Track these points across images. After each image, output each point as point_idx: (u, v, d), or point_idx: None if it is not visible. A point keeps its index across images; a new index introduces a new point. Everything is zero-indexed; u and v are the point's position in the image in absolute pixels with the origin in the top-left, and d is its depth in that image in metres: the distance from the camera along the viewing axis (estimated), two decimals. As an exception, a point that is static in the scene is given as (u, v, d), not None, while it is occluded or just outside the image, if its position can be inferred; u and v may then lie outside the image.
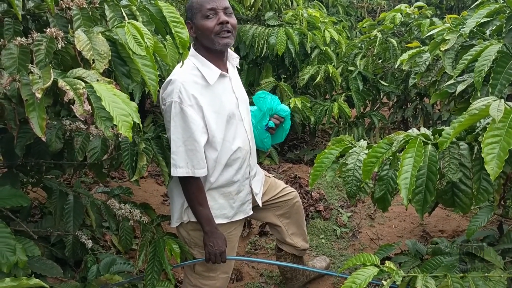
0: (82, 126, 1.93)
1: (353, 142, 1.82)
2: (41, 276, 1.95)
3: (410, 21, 4.37)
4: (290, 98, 3.98)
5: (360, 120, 4.56)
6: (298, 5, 4.80)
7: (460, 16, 2.10)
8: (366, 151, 1.71)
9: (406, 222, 3.27)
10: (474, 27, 1.76)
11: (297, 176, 3.87)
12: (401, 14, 4.29)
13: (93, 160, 1.89)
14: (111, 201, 2.12)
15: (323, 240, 3.13)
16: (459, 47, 1.82)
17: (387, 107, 5.05)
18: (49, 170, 2.24)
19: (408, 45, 2.16)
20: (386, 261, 1.42)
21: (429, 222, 3.20)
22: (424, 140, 1.38)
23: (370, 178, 1.47)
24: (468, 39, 1.82)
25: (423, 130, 1.46)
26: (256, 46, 4.02)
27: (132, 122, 1.26)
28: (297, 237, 2.52)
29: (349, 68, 4.42)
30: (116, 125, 1.23)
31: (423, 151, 1.31)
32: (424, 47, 2.14)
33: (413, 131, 1.48)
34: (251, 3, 4.14)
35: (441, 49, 1.80)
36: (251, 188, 2.21)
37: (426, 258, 2.32)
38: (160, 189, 3.57)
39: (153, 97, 1.42)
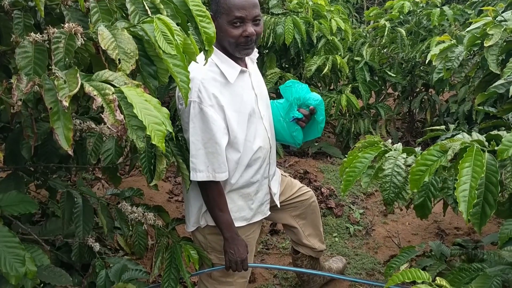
0: (94, 126, 1.79)
1: (386, 144, 1.71)
2: (50, 285, 1.85)
3: (418, 10, 4.25)
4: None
5: (365, 111, 4.45)
6: (301, -8, 4.65)
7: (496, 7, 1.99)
8: (404, 155, 1.60)
9: (420, 219, 3.19)
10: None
11: (306, 171, 3.76)
12: (409, 2, 4.17)
13: (107, 163, 1.76)
14: (123, 204, 1.99)
15: (336, 239, 3.04)
16: (503, 43, 1.70)
17: (392, 98, 4.95)
18: (55, 172, 2.11)
19: (439, 39, 2.05)
20: (437, 278, 1.32)
21: (444, 219, 3.12)
22: (480, 147, 1.27)
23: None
24: (511, 34, 1.71)
25: (476, 135, 1.35)
26: (261, 36, 3.87)
27: (166, 131, 1.13)
28: (313, 238, 2.42)
29: (355, 58, 4.30)
30: (148, 135, 1.10)
31: (482, 160, 1.20)
32: (454, 41, 2.03)
33: (464, 136, 1.37)
34: (256, -9, 3.97)
35: (485, 44, 1.68)
36: (270, 188, 2.11)
37: (449, 260, 2.23)
38: (165, 186, 3.45)
39: (184, 101, 1.29)
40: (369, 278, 2.69)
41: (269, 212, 2.15)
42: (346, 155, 1.71)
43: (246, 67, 1.95)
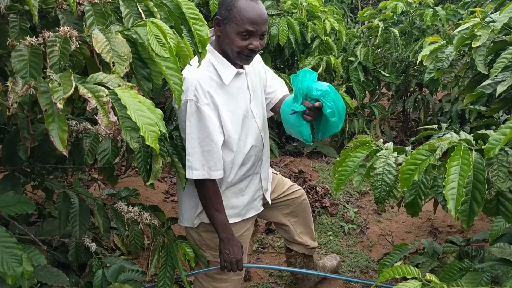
0: (90, 126, 1.81)
1: (378, 144, 1.74)
2: (47, 285, 1.87)
3: (411, 10, 4.29)
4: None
5: (360, 111, 4.49)
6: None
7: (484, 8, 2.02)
8: (395, 154, 1.63)
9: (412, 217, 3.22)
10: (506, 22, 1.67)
11: (301, 170, 3.79)
12: (402, 3, 4.20)
13: (103, 164, 1.78)
14: (119, 204, 2.01)
15: (331, 237, 3.07)
16: (491, 43, 1.73)
17: (386, 97, 4.98)
18: (52, 172, 2.12)
19: (430, 40, 2.08)
20: (427, 274, 1.34)
21: (437, 217, 3.16)
22: (467, 146, 1.30)
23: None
24: (499, 35, 1.74)
25: (464, 134, 1.38)
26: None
27: (159, 132, 1.15)
28: (305, 236, 2.46)
29: (349, 58, 4.33)
30: (142, 136, 1.12)
31: (470, 158, 1.23)
32: (444, 41, 2.06)
33: (452, 135, 1.40)
34: (250, -8, 3.99)
35: (473, 45, 1.71)
36: (261, 185, 2.14)
37: (442, 257, 2.27)
38: (161, 186, 3.47)
39: (177, 103, 1.32)
40: (363, 276, 2.72)
41: (262, 208, 2.18)
42: (341, 155, 1.74)
43: (242, 67, 1.97)
